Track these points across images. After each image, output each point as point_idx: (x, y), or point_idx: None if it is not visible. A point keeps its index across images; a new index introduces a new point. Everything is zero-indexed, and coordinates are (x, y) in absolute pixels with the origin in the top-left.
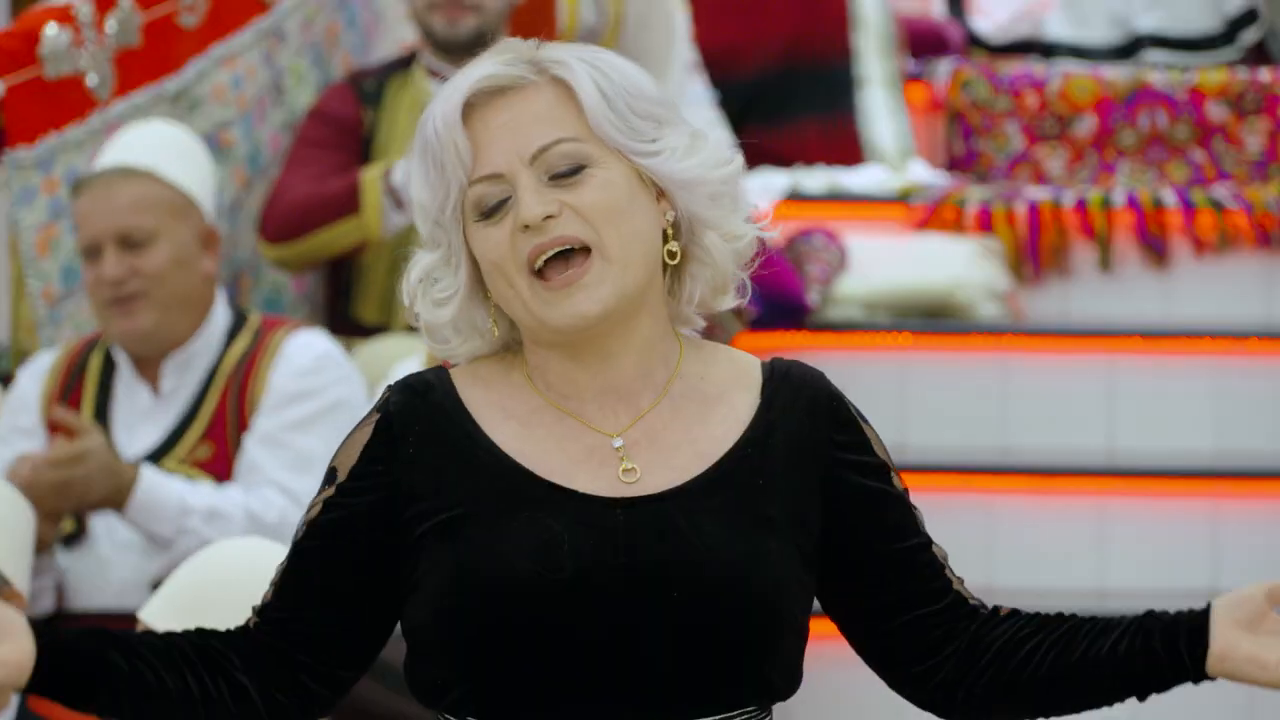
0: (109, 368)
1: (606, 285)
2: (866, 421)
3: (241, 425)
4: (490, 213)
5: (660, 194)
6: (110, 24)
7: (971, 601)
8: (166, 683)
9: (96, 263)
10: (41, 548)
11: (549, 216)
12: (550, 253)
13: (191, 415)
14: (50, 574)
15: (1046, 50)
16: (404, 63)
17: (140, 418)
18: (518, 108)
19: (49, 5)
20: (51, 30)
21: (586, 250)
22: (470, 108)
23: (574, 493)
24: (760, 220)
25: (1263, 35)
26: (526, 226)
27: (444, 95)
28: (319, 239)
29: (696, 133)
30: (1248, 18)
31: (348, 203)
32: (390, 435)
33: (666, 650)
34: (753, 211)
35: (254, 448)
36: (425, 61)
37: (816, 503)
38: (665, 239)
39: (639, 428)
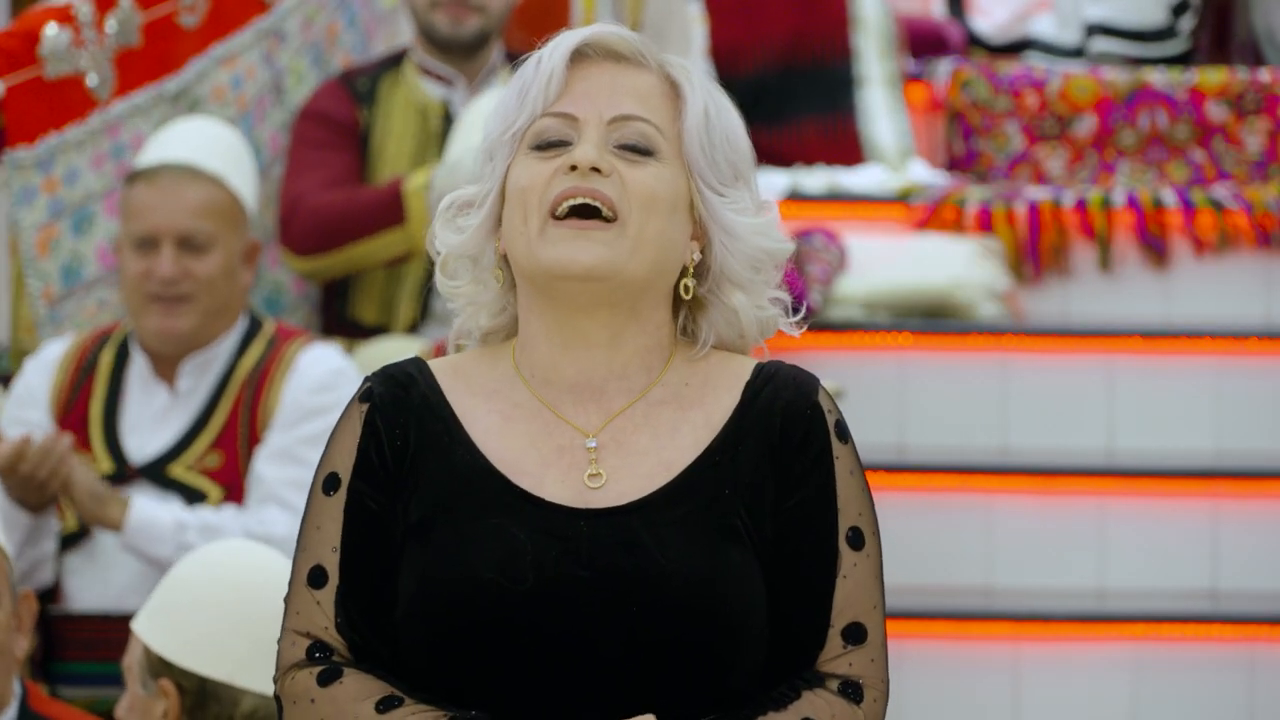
0: (121, 364)
1: (609, 250)
2: (845, 442)
3: (252, 438)
4: (545, 146)
5: (695, 234)
6: (110, 24)
7: (814, 670)
8: None
9: (148, 255)
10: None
11: (597, 169)
12: (576, 201)
13: (203, 422)
14: (50, 539)
15: (1025, 47)
16: (395, 60)
17: (153, 419)
18: (622, 77)
19: (49, 5)
20: (51, 30)
21: (610, 221)
22: (581, 57)
23: (541, 501)
24: (789, 315)
25: (1196, 23)
26: (574, 167)
27: (563, 35)
28: (357, 250)
29: (765, 204)
30: (1183, 6)
31: (390, 214)
32: (378, 426)
33: (628, 662)
34: (783, 302)
35: (264, 463)
36: (417, 59)
37: (773, 506)
38: (686, 274)
39: (608, 431)
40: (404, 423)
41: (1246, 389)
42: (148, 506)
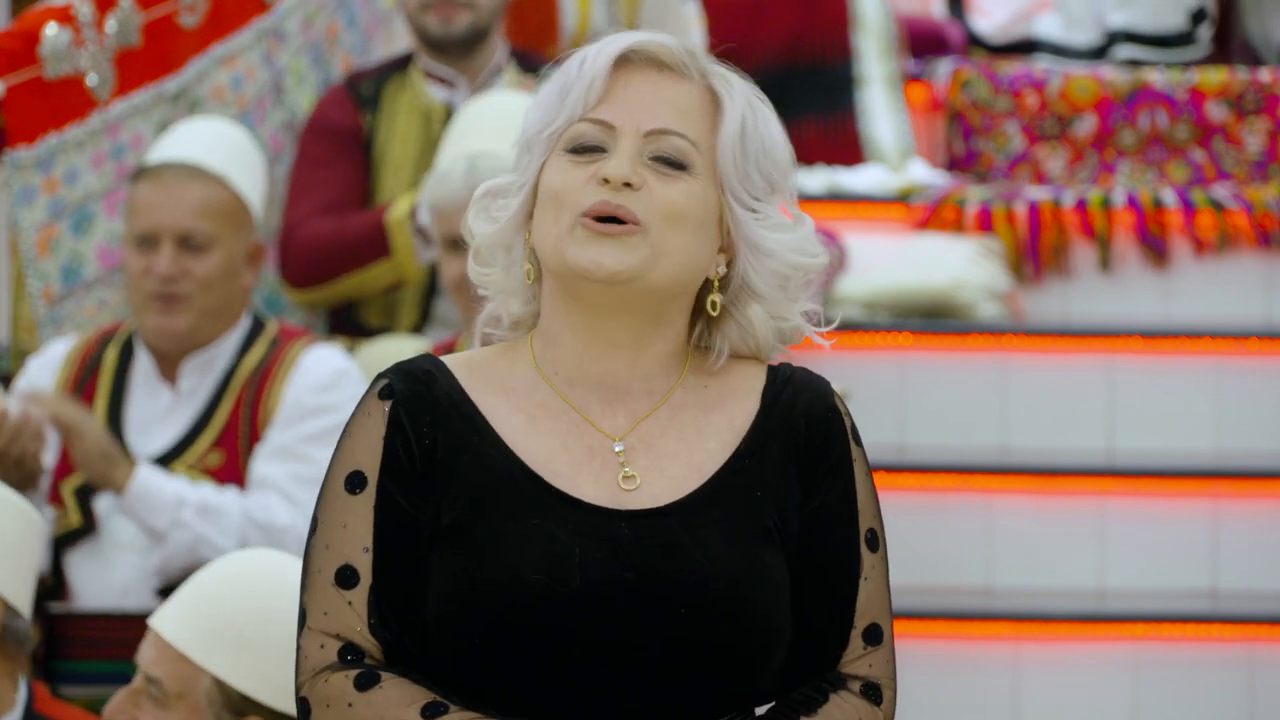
0: (125, 362)
1: (631, 255)
2: (859, 444)
3: (253, 436)
4: (580, 150)
5: (723, 247)
6: (110, 24)
7: (836, 672)
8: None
9: (148, 253)
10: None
11: (629, 184)
12: (605, 216)
13: (205, 421)
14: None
15: (1031, 48)
16: (400, 65)
17: (156, 417)
18: (664, 87)
19: (49, 5)
20: (51, 30)
21: (635, 225)
22: (624, 62)
23: (580, 502)
24: (817, 326)
25: (1214, 30)
26: (607, 180)
27: (608, 39)
28: (350, 282)
29: (800, 216)
30: (1201, 13)
31: (375, 246)
32: (404, 423)
33: (667, 663)
34: (813, 312)
35: (264, 460)
36: (422, 64)
37: (797, 511)
38: (711, 289)
39: (636, 434)
40: (430, 421)
41: (1246, 389)
42: (152, 475)
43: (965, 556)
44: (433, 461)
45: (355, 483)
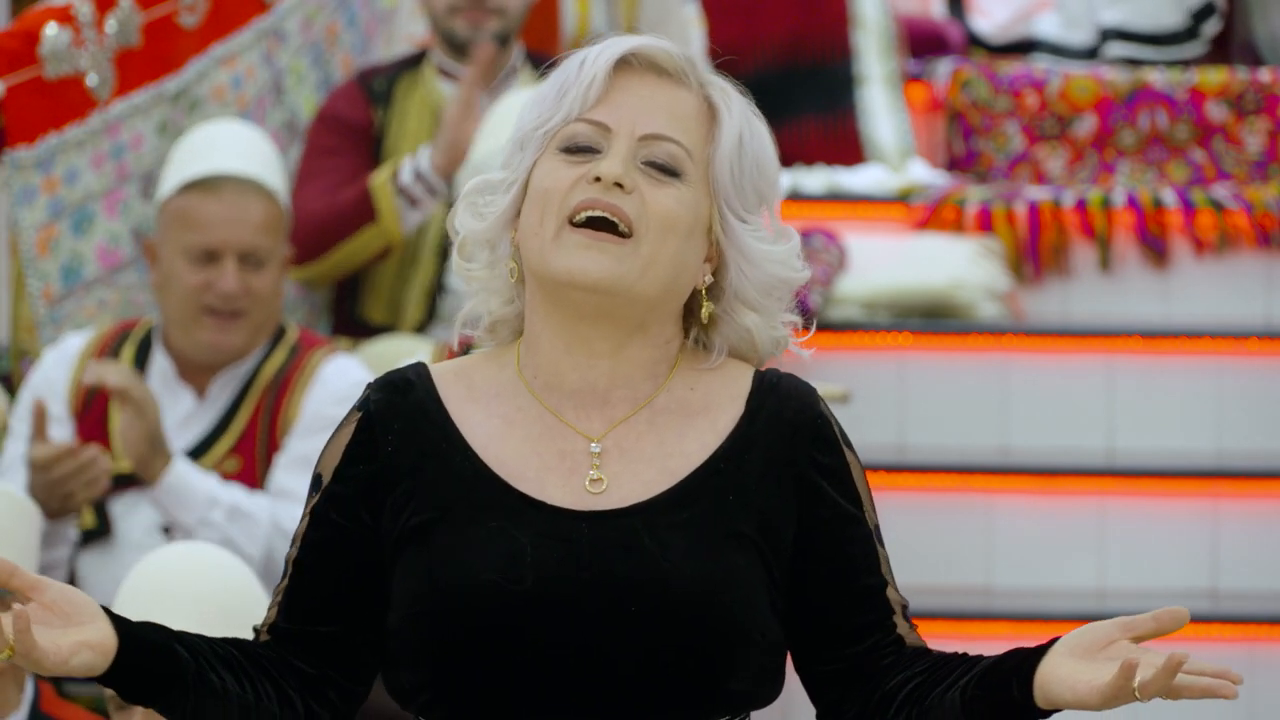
0: (142, 362)
1: (619, 265)
2: (850, 447)
3: (271, 445)
4: (573, 150)
5: (709, 256)
6: (110, 24)
7: (909, 648)
8: (228, 684)
9: (206, 268)
10: (58, 515)
11: (620, 184)
12: (595, 213)
13: (224, 426)
14: (65, 545)
15: (1030, 47)
16: (414, 61)
17: (174, 421)
18: (661, 93)
19: (49, 5)
20: (51, 30)
21: (625, 236)
22: (624, 65)
23: (542, 504)
24: (797, 337)
25: (1221, 28)
26: (598, 179)
27: (610, 41)
28: (342, 253)
29: (785, 231)
30: (1207, 10)
31: (362, 212)
32: (371, 434)
33: (626, 664)
34: (794, 324)
35: (284, 470)
36: (436, 61)
37: (791, 520)
38: (700, 299)
39: (612, 437)
40: (397, 429)
41: (1247, 389)
42: (188, 471)
43: (965, 556)
44: (393, 470)
45: (315, 485)
